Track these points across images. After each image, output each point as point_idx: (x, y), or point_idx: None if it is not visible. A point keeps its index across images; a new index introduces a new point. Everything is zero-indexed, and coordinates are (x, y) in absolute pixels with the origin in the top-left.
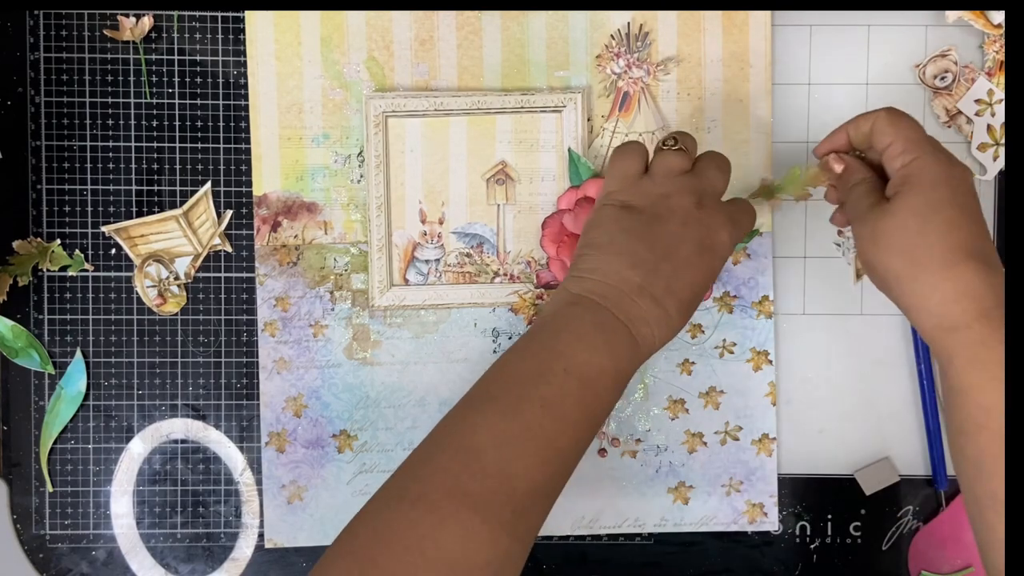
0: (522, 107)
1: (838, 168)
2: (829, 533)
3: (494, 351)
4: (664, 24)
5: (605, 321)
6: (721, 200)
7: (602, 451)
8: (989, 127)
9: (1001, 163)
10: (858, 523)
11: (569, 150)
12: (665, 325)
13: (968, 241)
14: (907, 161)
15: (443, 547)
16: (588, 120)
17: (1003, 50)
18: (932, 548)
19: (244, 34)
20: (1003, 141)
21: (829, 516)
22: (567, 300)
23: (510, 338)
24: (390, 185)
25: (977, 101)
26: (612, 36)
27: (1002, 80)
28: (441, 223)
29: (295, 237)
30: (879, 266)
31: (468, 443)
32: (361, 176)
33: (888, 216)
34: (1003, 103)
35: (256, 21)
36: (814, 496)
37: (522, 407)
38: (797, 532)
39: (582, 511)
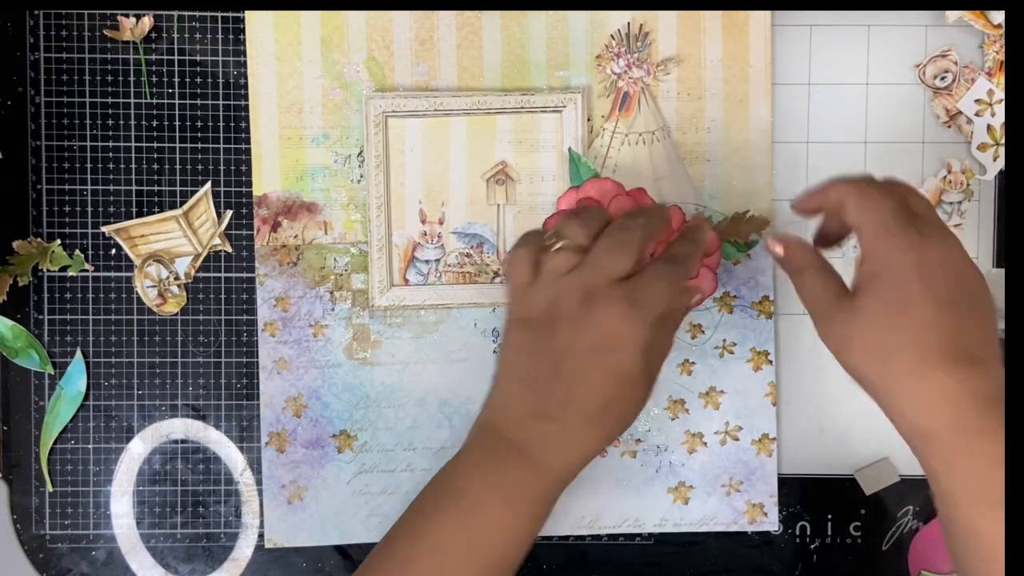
0: (522, 107)
1: (778, 251)
2: (829, 533)
3: (494, 351)
4: (664, 24)
5: (501, 451)
6: (618, 284)
7: (602, 452)
8: (989, 127)
9: (1001, 163)
10: (858, 523)
11: (569, 150)
12: (571, 442)
13: (944, 340)
14: (877, 248)
15: None
16: (588, 120)
17: (1003, 50)
18: (932, 548)
19: (244, 34)
20: (1003, 141)
21: (829, 516)
22: (475, 430)
23: None
24: (390, 185)
25: (977, 101)
26: (612, 36)
27: (1002, 80)
28: (441, 223)
29: (295, 237)
30: (849, 367)
31: None
32: (361, 176)
33: (856, 315)
34: (1003, 103)
35: (256, 21)
36: (814, 496)
37: (415, 551)
38: (797, 532)
39: (581, 512)
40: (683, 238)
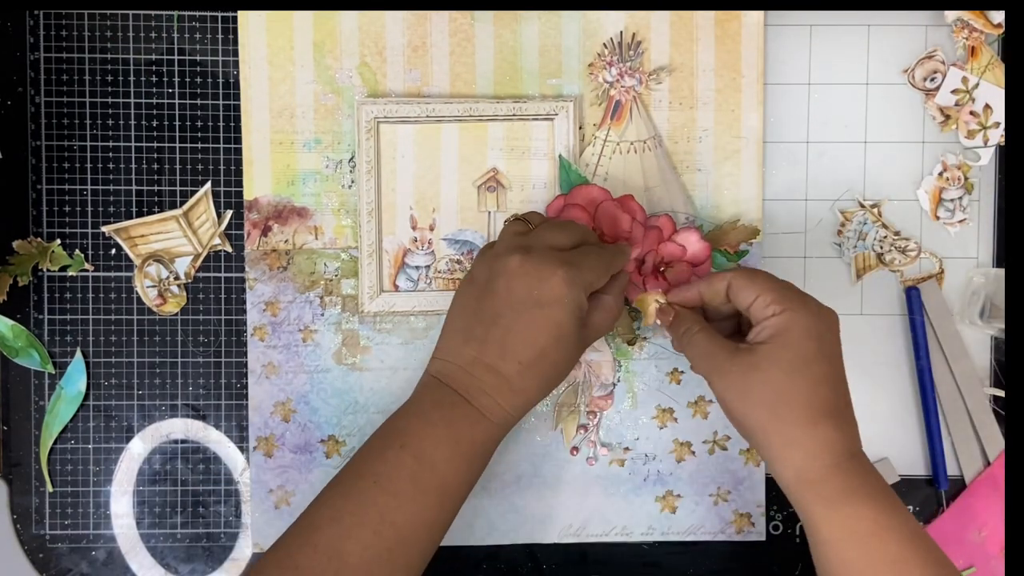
0: (514, 115)
1: (667, 320)
2: None
3: None
4: (657, 33)
5: (443, 397)
6: (555, 250)
7: (590, 459)
8: (972, 112)
9: (992, 144)
10: None
11: (560, 157)
12: (508, 391)
13: (830, 398)
14: (777, 312)
15: None
16: (580, 128)
17: (971, 36)
18: None
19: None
20: (989, 124)
21: None
22: (420, 383)
23: None
24: (381, 191)
25: (954, 92)
26: (605, 45)
27: (975, 65)
28: (432, 229)
29: (286, 242)
30: (742, 418)
31: (309, 520)
32: (352, 182)
33: (754, 370)
34: (979, 88)
35: (249, 24)
36: None
37: (357, 484)
38: (797, 532)
39: (569, 520)
40: (613, 249)
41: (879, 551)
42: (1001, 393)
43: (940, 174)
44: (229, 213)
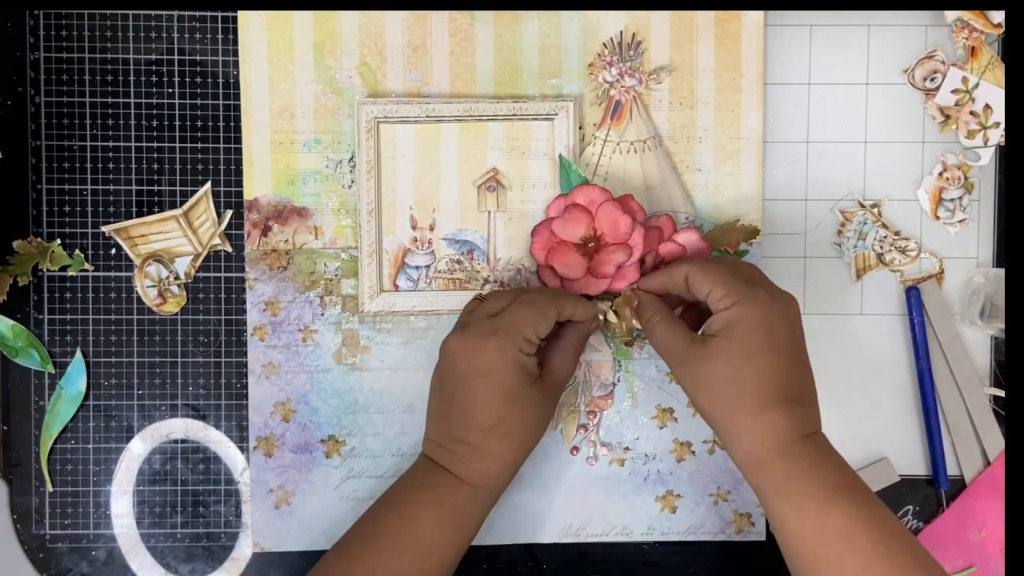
0: (514, 114)
1: (632, 307)
2: None
3: None
4: (657, 33)
5: (429, 469)
6: (487, 318)
7: (590, 459)
8: (972, 113)
9: (992, 144)
10: None
11: (560, 157)
12: (479, 457)
13: (779, 385)
14: (728, 305)
15: None
16: (580, 128)
17: (972, 36)
18: (934, 549)
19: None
20: (989, 124)
21: None
22: (413, 463)
23: None
24: (381, 191)
25: (954, 91)
26: (605, 44)
27: (975, 65)
28: (432, 229)
29: (286, 242)
30: (698, 407)
31: None
32: (352, 181)
33: (704, 362)
34: (979, 88)
35: (249, 24)
36: None
37: (349, 546)
38: None
39: (569, 520)
40: (553, 294)
41: (825, 524)
42: (1001, 393)
43: (940, 174)
44: (229, 213)
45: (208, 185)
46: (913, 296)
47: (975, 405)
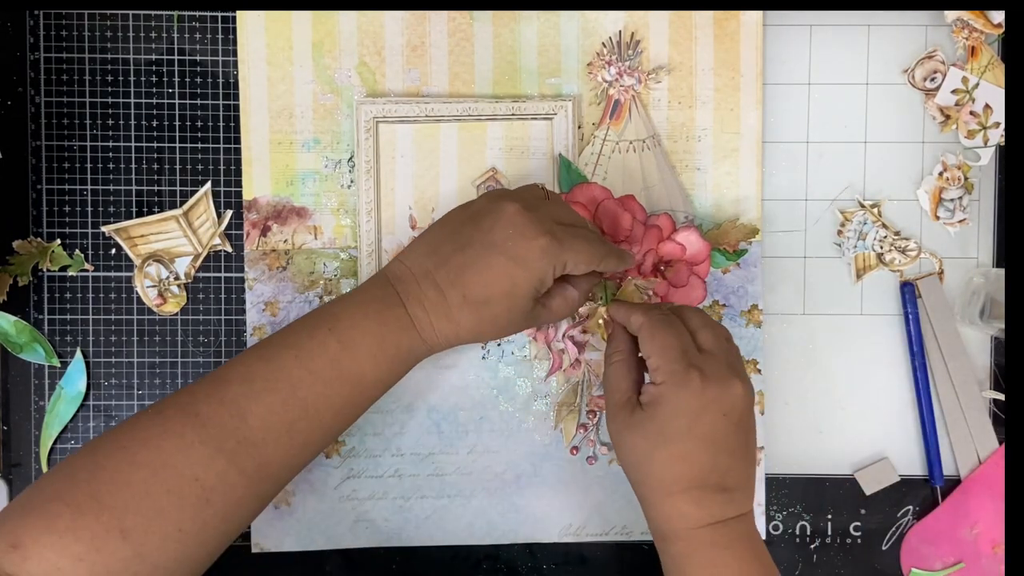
0: (513, 114)
1: (606, 332)
2: (829, 533)
3: (483, 357)
4: (655, 32)
5: (385, 296)
6: (550, 218)
7: (590, 459)
8: (972, 113)
9: (992, 144)
10: (858, 523)
11: (560, 156)
12: (444, 315)
13: (692, 474)
14: (657, 381)
15: (160, 452)
16: (579, 128)
17: (972, 36)
18: (926, 544)
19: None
20: (989, 124)
21: (829, 516)
22: (370, 278)
23: (499, 344)
24: (380, 191)
25: (954, 92)
26: (603, 44)
27: (975, 65)
28: None
29: (285, 242)
30: (620, 461)
31: (221, 375)
32: (351, 181)
33: (626, 430)
34: (979, 88)
35: (247, 24)
36: (814, 496)
37: (279, 353)
38: (797, 532)
39: (569, 520)
40: (611, 247)
41: None
42: (1001, 397)
43: (940, 174)
44: (229, 213)
45: (208, 185)
46: (907, 292)
47: (970, 404)
